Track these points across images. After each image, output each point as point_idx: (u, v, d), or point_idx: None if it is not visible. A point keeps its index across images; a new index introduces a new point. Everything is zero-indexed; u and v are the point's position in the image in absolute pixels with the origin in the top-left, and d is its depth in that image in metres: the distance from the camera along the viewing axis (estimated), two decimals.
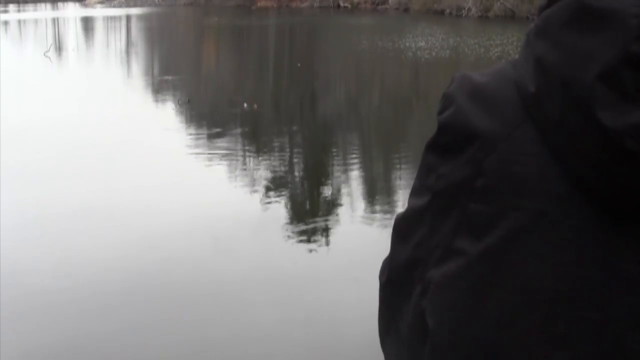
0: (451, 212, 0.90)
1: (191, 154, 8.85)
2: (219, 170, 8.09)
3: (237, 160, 8.81)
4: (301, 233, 6.05)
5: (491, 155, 0.87)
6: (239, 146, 9.71)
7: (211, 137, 10.12)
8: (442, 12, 36.70)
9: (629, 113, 0.77)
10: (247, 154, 9.28)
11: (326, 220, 6.44)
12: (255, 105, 12.14)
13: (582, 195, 0.82)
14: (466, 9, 35.06)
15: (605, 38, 0.78)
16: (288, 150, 9.61)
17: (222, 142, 9.68)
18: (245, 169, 8.38)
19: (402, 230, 0.99)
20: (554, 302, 0.84)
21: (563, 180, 0.83)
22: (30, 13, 48.42)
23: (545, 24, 0.85)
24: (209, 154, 8.92)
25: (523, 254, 0.85)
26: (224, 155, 8.83)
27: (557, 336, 0.83)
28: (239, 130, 11.01)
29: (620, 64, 0.77)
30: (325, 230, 6.10)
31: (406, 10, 40.14)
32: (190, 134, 10.35)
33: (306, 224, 6.38)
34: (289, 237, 5.91)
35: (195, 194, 7.04)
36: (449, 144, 0.91)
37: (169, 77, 16.88)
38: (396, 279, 0.99)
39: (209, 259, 5.36)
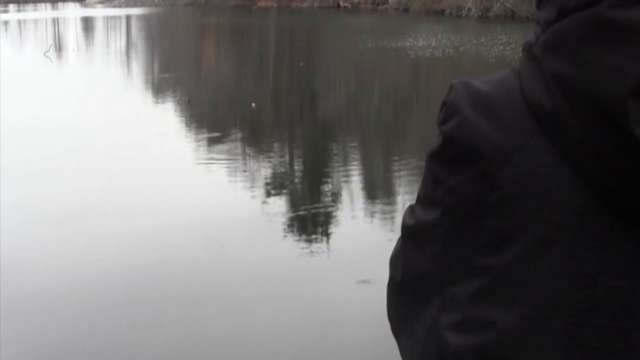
0: (465, 227, 0.88)
1: (191, 154, 8.84)
2: (219, 170, 8.08)
3: (238, 160, 8.81)
4: (301, 233, 6.04)
5: (505, 168, 0.84)
6: (240, 146, 9.70)
7: (211, 137, 10.11)
8: (442, 12, 36.68)
9: None
10: (248, 154, 9.28)
11: (327, 220, 6.43)
12: (254, 105, 12.12)
13: (603, 205, 0.81)
14: (466, 9, 35.03)
15: (633, 52, 0.76)
16: (290, 150, 9.61)
17: (222, 143, 9.68)
18: (245, 170, 8.37)
19: (414, 236, 0.97)
20: (579, 313, 0.83)
21: (583, 191, 0.81)
22: (30, 13, 48.41)
23: (558, 39, 0.82)
24: (209, 154, 8.91)
25: (546, 266, 0.83)
26: (224, 156, 8.83)
27: (583, 347, 0.82)
28: (240, 130, 11.00)
29: None
30: (326, 230, 6.10)
31: (406, 10, 40.12)
32: (190, 134, 10.34)
33: (306, 223, 6.37)
34: (288, 237, 5.90)
35: (195, 194, 7.03)
36: (456, 156, 0.88)
37: (169, 78, 16.88)
38: (412, 285, 0.98)
39: (209, 259, 5.36)
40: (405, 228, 0.98)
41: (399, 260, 1.00)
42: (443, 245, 0.91)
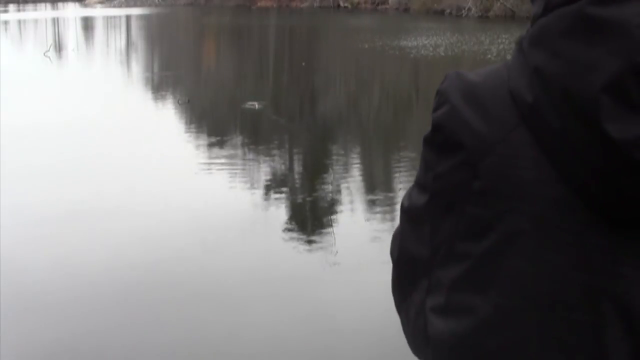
0: (449, 213, 0.91)
1: (191, 154, 8.84)
2: (220, 170, 8.08)
3: (238, 160, 8.80)
4: (301, 232, 6.04)
5: (487, 158, 0.86)
6: (240, 146, 9.70)
7: (212, 137, 10.11)
8: (442, 12, 36.69)
9: (636, 124, 0.76)
10: (248, 154, 9.27)
11: (326, 219, 6.42)
12: (256, 104, 12.12)
13: (580, 200, 0.82)
14: (466, 9, 35.04)
15: (609, 48, 0.77)
16: (290, 150, 9.60)
17: (223, 143, 9.67)
18: (245, 169, 8.37)
19: (408, 217, 1.00)
20: (552, 306, 0.84)
21: (561, 185, 0.82)
22: (30, 13, 48.39)
23: (542, 33, 0.84)
24: (209, 154, 8.91)
25: (520, 257, 0.85)
26: (224, 156, 8.83)
27: (555, 340, 0.84)
28: (241, 130, 11.00)
29: (625, 75, 0.76)
30: (326, 229, 6.09)
31: (406, 10, 40.12)
32: (190, 134, 10.34)
33: (306, 223, 6.37)
34: (288, 236, 5.90)
35: (195, 194, 7.03)
36: (443, 144, 0.91)
37: (169, 78, 16.88)
38: (405, 264, 1.01)
39: (208, 259, 5.35)
40: (402, 209, 1.02)
41: (396, 239, 1.04)
42: (430, 229, 0.94)
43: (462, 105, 0.89)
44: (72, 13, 48.71)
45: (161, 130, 10.47)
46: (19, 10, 53.36)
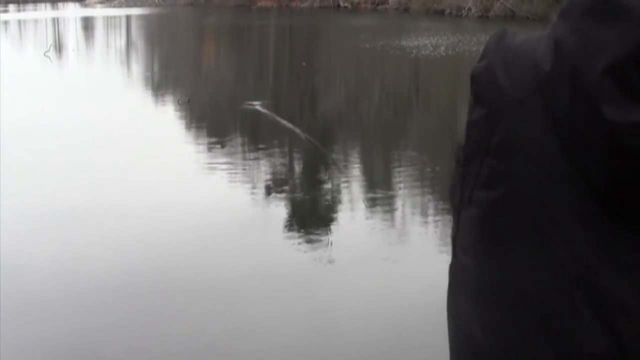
0: (474, 161, 0.96)
1: (191, 153, 8.84)
2: (220, 169, 8.08)
3: (238, 159, 8.80)
4: (300, 230, 6.04)
5: (505, 116, 0.90)
6: (241, 146, 9.70)
7: (212, 137, 10.12)
8: (442, 12, 36.64)
9: (632, 111, 0.77)
10: (248, 153, 9.27)
11: (326, 217, 6.43)
12: (257, 104, 12.12)
13: (580, 177, 0.83)
14: (466, 9, 35.01)
15: (620, 32, 0.79)
16: (290, 149, 9.60)
17: (223, 143, 9.68)
18: (245, 168, 8.38)
19: (455, 158, 1.05)
20: (546, 273, 0.85)
21: (564, 158, 0.84)
22: (30, 13, 48.36)
23: (568, 8, 0.87)
24: (209, 153, 8.91)
25: (518, 218, 0.88)
26: (224, 155, 8.83)
27: (549, 308, 0.85)
28: (241, 130, 11.00)
29: (629, 60, 0.78)
30: (325, 228, 6.10)
31: (406, 10, 40.09)
32: (190, 134, 10.35)
33: (306, 221, 6.38)
34: (288, 234, 5.91)
35: (194, 192, 7.04)
36: (476, 95, 0.96)
37: (169, 78, 16.88)
38: (451, 197, 1.06)
39: (209, 257, 5.36)
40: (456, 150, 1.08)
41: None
42: (462, 173, 1.00)
43: (497, 64, 0.93)
44: (72, 13, 48.68)
45: (161, 130, 10.48)
46: (19, 10, 53.30)
